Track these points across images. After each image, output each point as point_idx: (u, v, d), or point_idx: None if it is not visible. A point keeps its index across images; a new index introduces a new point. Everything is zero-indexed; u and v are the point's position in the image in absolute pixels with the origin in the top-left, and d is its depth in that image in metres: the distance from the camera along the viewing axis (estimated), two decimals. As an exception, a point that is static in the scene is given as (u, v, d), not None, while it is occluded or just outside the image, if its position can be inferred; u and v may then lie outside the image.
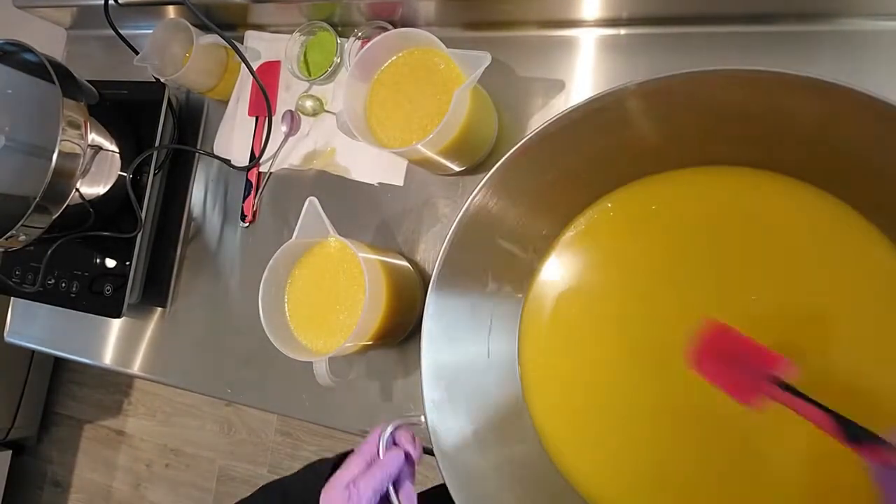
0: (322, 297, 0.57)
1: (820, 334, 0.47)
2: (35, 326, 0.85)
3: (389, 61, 0.59)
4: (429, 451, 0.48)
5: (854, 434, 0.37)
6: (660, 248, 0.53)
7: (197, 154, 0.79)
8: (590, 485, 0.52)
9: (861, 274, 0.47)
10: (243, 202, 0.75)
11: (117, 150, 0.73)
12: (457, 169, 0.64)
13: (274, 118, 0.73)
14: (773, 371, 0.40)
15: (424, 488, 0.46)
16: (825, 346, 0.47)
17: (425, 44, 0.57)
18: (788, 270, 0.49)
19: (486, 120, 0.62)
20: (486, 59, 0.52)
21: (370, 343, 0.58)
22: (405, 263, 0.64)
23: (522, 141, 0.46)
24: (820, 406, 0.39)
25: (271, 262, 0.56)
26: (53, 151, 0.62)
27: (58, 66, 0.66)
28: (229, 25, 0.78)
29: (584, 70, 0.63)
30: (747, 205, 0.51)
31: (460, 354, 0.52)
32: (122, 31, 0.75)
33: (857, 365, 0.46)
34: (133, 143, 0.75)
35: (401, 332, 0.63)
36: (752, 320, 0.48)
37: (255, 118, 0.76)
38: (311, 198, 0.56)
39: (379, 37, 0.57)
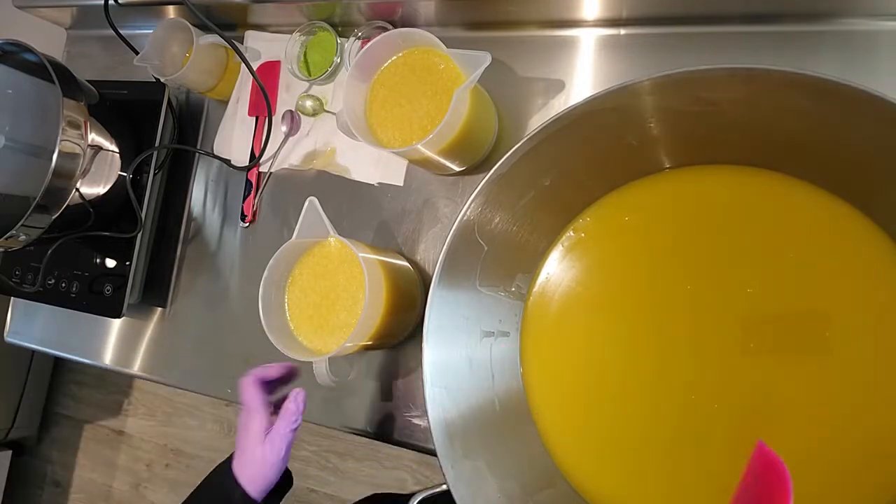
0: (322, 297, 0.57)
1: (820, 331, 0.47)
2: (35, 326, 0.85)
3: (389, 61, 0.59)
4: (431, 452, 0.48)
5: None
6: (661, 247, 0.53)
7: (197, 154, 0.79)
8: (590, 484, 0.52)
9: (860, 271, 0.47)
10: (243, 202, 0.75)
11: (117, 150, 0.73)
12: (457, 169, 0.64)
13: (274, 118, 0.73)
14: None
15: (430, 492, 0.47)
16: (825, 344, 0.47)
17: (425, 44, 0.57)
18: (790, 268, 0.48)
19: (487, 120, 0.62)
20: (486, 58, 0.52)
21: (370, 343, 0.58)
22: (405, 263, 0.64)
23: (521, 142, 0.46)
24: None
25: (271, 261, 0.56)
26: (53, 151, 0.62)
27: (58, 66, 0.66)
28: (229, 25, 0.78)
29: (584, 70, 0.63)
30: (747, 203, 0.50)
31: (462, 354, 0.52)
32: (122, 31, 0.75)
33: (857, 362, 0.46)
34: (133, 143, 0.75)
35: (401, 331, 0.63)
36: (753, 318, 0.49)
37: (255, 118, 0.76)
38: (311, 198, 0.56)
39: (379, 37, 0.57)
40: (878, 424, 0.45)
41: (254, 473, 0.48)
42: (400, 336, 0.63)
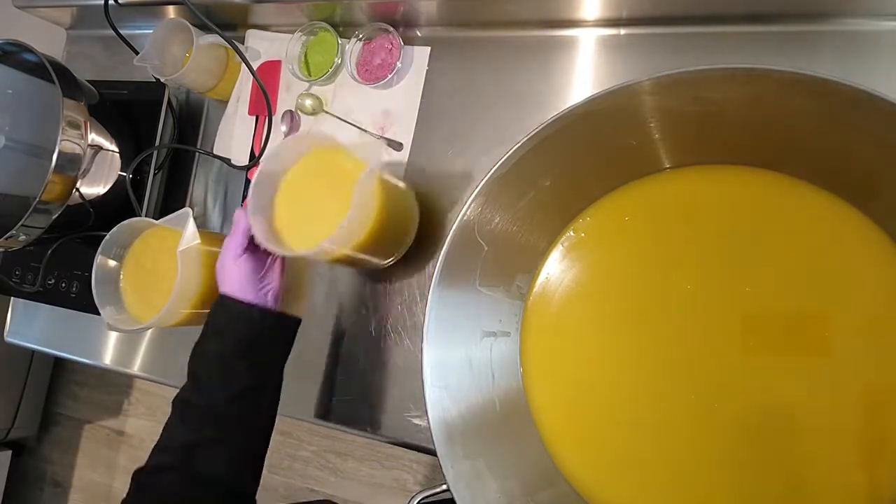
0: (150, 275, 0.66)
1: (819, 330, 0.47)
2: (35, 326, 0.85)
3: (294, 165, 0.57)
4: (431, 452, 0.48)
5: None
6: (661, 247, 0.53)
7: (197, 154, 0.79)
8: (590, 484, 0.52)
9: (860, 270, 0.47)
10: (243, 202, 0.75)
11: (117, 150, 0.73)
12: (383, 263, 0.64)
13: (274, 118, 0.73)
14: None
15: (431, 493, 0.47)
16: (824, 343, 0.47)
17: (327, 143, 0.55)
18: (790, 268, 0.49)
19: (403, 209, 0.61)
20: (378, 147, 0.55)
21: (193, 313, 0.64)
22: None
23: (521, 142, 0.46)
24: None
25: (108, 236, 0.64)
26: (53, 151, 0.62)
27: (58, 66, 0.66)
28: (230, 25, 0.78)
29: (584, 70, 0.63)
30: (747, 203, 0.51)
31: (462, 354, 0.52)
32: (122, 31, 0.75)
33: (856, 362, 0.46)
34: (133, 143, 0.75)
35: None
36: (753, 316, 0.49)
37: (255, 118, 0.76)
38: (187, 209, 0.62)
39: (281, 141, 0.58)
40: (878, 424, 0.45)
41: (226, 282, 0.55)
42: None
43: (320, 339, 0.69)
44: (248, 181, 0.75)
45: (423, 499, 0.47)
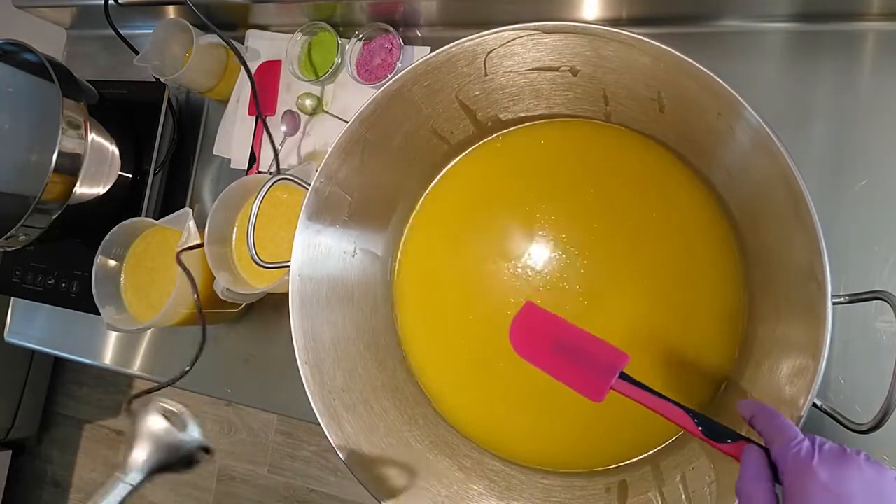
0: (150, 275, 0.68)
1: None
2: (35, 326, 0.85)
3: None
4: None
5: (713, 432, 0.36)
6: (518, 181, 0.59)
7: (197, 154, 0.79)
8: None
9: (660, 185, 0.55)
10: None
11: (117, 150, 0.73)
12: (234, 310, 0.70)
13: (274, 118, 0.73)
14: (616, 365, 0.39)
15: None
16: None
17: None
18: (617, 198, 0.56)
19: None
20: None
21: (193, 313, 0.66)
22: None
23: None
24: (676, 403, 0.37)
25: (108, 236, 0.66)
26: (53, 151, 0.62)
27: (58, 66, 0.66)
28: (230, 25, 0.78)
29: (584, 70, 0.63)
30: (582, 147, 0.58)
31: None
32: (122, 31, 0.75)
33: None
34: (133, 143, 0.75)
35: (228, 306, 0.69)
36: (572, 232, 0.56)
37: (255, 118, 0.76)
38: (187, 209, 0.64)
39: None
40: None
41: None
42: (232, 312, 0.71)
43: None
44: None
45: None
